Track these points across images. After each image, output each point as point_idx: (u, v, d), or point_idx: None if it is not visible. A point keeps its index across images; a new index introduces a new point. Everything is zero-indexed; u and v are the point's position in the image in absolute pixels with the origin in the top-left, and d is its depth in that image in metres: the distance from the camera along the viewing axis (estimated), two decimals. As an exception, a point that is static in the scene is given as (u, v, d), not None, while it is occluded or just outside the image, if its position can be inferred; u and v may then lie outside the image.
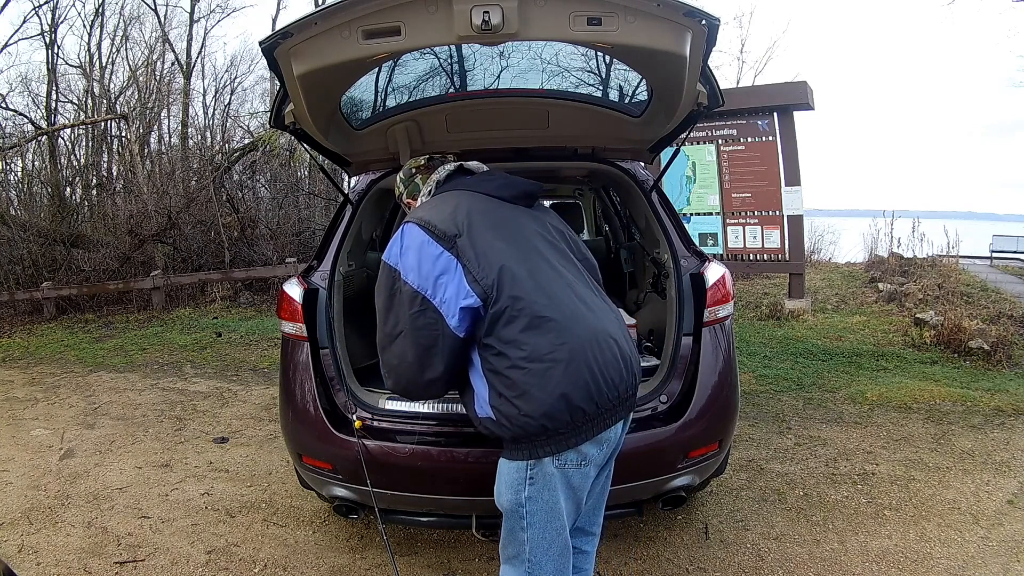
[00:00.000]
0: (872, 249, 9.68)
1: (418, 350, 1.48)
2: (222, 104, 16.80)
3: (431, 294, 1.47)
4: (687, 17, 1.54)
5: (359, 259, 2.83)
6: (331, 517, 2.73)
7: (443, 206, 1.59)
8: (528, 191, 1.70)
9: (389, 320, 1.54)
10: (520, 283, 1.45)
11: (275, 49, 1.64)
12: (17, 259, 9.53)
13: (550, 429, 1.40)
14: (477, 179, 1.72)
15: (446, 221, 1.53)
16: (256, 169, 11.84)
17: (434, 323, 1.46)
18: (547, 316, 1.42)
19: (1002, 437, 3.39)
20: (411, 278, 1.49)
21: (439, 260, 1.48)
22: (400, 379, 1.56)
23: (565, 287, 1.51)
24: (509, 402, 1.41)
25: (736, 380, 2.26)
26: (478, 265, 1.46)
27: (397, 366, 1.54)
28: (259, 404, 4.44)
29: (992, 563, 2.29)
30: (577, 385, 1.39)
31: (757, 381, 4.47)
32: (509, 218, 1.60)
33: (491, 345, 1.44)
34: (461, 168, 1.77)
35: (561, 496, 1.46)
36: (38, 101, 13.81)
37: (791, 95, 6.39)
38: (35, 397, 4.88)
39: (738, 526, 2.59)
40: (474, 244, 1.48)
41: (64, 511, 2.92)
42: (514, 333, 1.41)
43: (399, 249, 1.54)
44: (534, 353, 1.39)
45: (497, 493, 1.52)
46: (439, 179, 1.74)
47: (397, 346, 1.52)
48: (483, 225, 1.54)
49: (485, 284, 1.44)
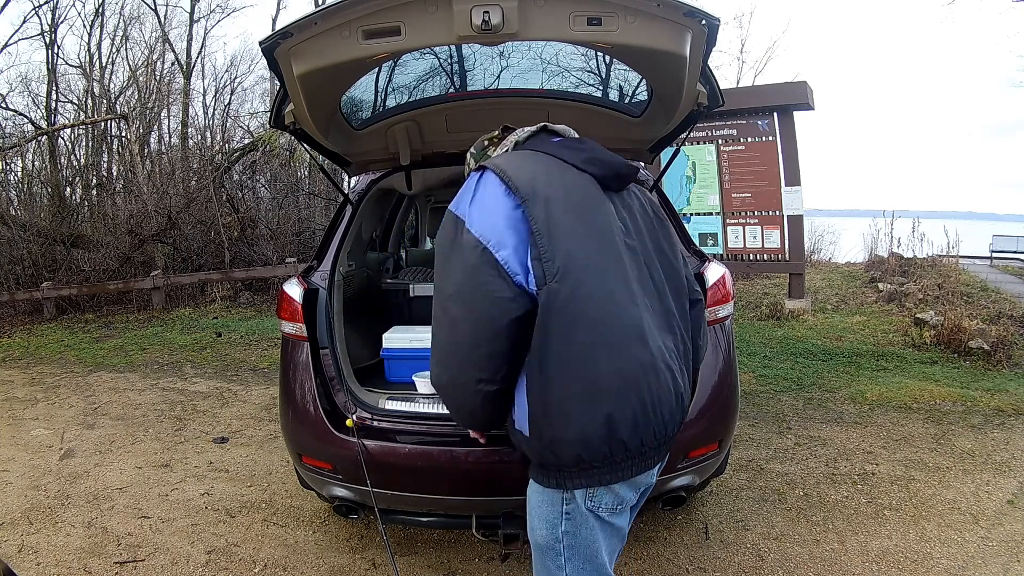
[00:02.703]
0: (872, 249, 9.67)
1: (473, 322, 1.24)
2: (222, 104, 16.80)
3: (495, 248, 1.25)
4: (687, 17, 1.54)
5: (359, 259, 2.83)
6: (331, 517, 2.73)
7: (524, 163, 1.38)
8: (621, 172, 1.42)
9: (446, 280, 1.31)
10: (588, 287, 1.24)
11: (275, 49, 1.65)
12: (17, 259, 9.53)
13: (584, 460, 1.23)
14: (563, 145, 1.46)
15: (526, 180, 1.31)
16: (256, 169, 11.84)
17: (493, 280, 1.23)
18: (605, 329, 1.22)
19: (1002, 437, 3.39)
20: (476, 228, 1.27)
21: (511, 216, 1.28)
22: (446, 361, 1.32)
23: (635, 301, 1.28)
24: (546, 419, 1.24)
25: (736, 380, 2.26)
26: (549, 244, 1.24)
27: (445, 342, 1.31)
28: (259, 404, 4.44)
29: (992, 563, 2.29)
30: (624, 415, 1.21)
31: (757, 381, 4.46)
32: (594, 202, 1.36)
33: (542, 349, 1.24)
34: (545, 128, 1.53)
35: (600, 536, 1.32)
36: (38, 101, 13.82)
37: (791, 95, 6.39)
38: (35, 397, 4.88)
39: (738, 526, 2.59)
40: (549, 217, 1.26)
41: (64, 511, 2.92)
42: (565, 347, 1.22)
43: (470, 197, 1.33)
44: (583, 371, 1.21)
45: (531, 528, 1.38)
46: (518, 139, 1.50)
47: (449, 315, 1.29)
48: (564, 200, 1.31)
49: (549, 269, 1.22)
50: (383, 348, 2.49)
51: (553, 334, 1.22)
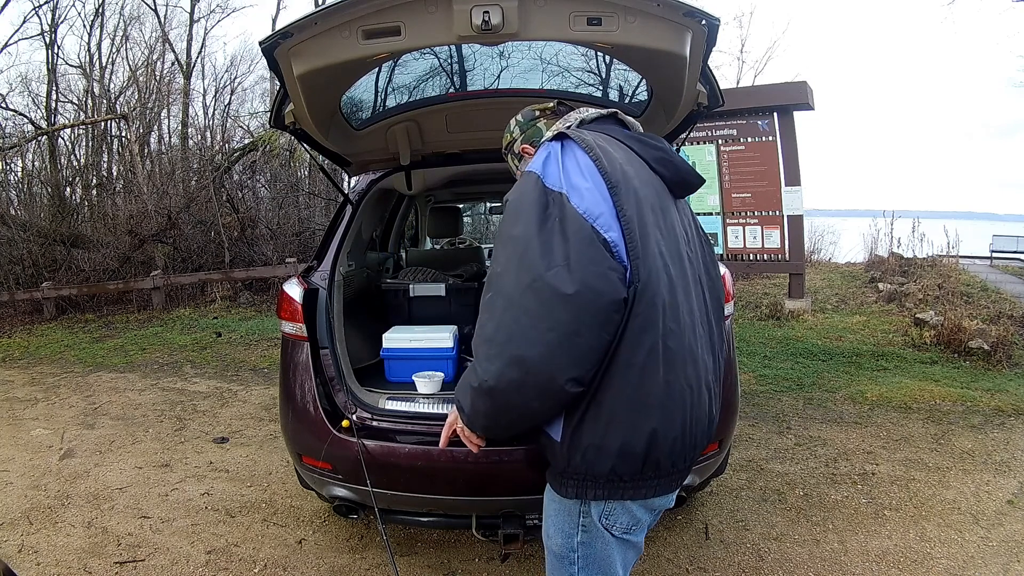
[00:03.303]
0: (872, 249, 9.67)
1: (578, 306, 1.07)
2: (222, 104, 16.81)
3: (603, 228, 1.10)
4: (687, 17, 1.54)
5: (359, 259, 2.83)
6: (331, 517, 2.73)
7: (607, 145, 1.24)
8: (688, 179, 1.33)
9: (535, 259, 1.09)
10: (662, 296, 1.14)
11: (275, 49, 1.64)
12: (17, 259, 9.53)
13: (616, 473, 1.17)
14: (634, 137, 1.33)
15: (615, 165, 1.18)
16: (256, 169, 11.83)
17: (604, 260, 1.08)
18: (670, 348, 1.15)
19: (1002, 437, 3.39)
20: (576, 200, 1.11)
21: (605, 197, 1.14)
22: (520, 355, 1.10)
23: (692, 316, 1.22)
24: (582, 423, 1.17)
25: (736, 380, 2.26)
26: (638, 246, 1.12)
27: (526, 331, 1.09)
28: (259, 404, 4.44)
29: (992, 563, 2.29)
30: (667, 434, 1.16)
31: (757, 381, 4.47)
32: (667, 204, 1.26)
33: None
34: (615, 116, 1.39)
35: (615, 549, 1.29)
36: (38, 101, 13.83)
37: (791, 95, 6.39)
38: (35, 397, 4.88)
39: (738, 526, 2.59)
40: (639, 213, 1.15)
41: (64, 511, 2.92)
42: (631, 353, 1.12)
43: (558, 167, 1.16)
44: (640, 380, 1.13)
45: (546, 535, 1.35)
46: (584, 118, 1.36)
47: (540, 297, 1.08)
48: (648, 199, 1.20)
49: (636, 268, 1.11)
50: (383, 348, 2.49)
51: (624, 337, 1.12)
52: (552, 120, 1.46)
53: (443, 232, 4.49)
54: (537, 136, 1.47)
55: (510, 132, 1.54)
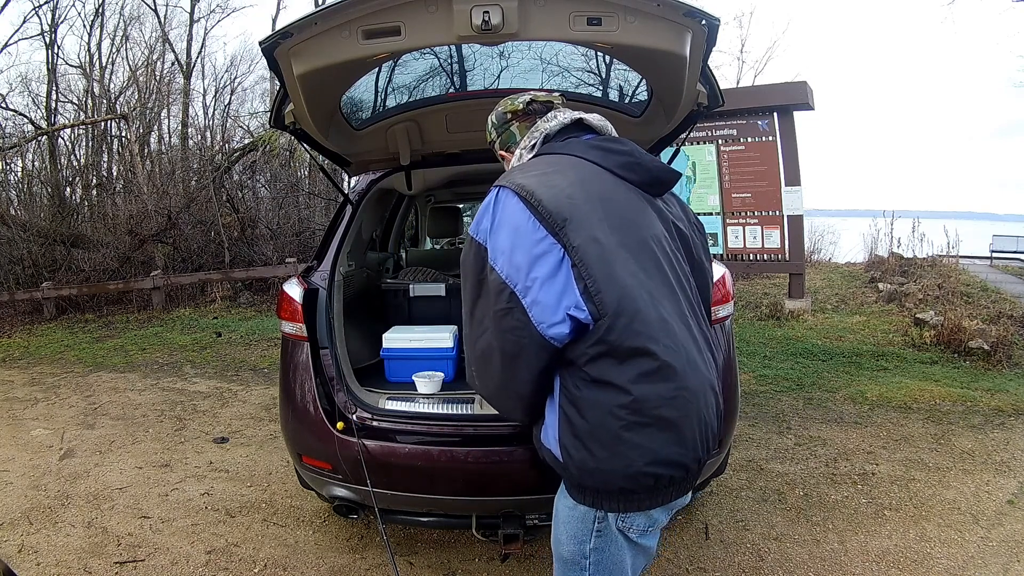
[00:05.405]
0: (872, 249, 9.67)
1: (503, 357, 1.22)
2: (222, 104, 16.81)
3: (520, 290, 1.17)
4: (687, 17, 1.54)
5: (359, 259, 2.83)
6: (331, 517, 2.73)
7: (553, 176, 1.25)
8: (661, 178, 1.33)
9: (476, 311, 1.28)
10: (643, 314, 1.15)
11: (275, 49, 1.65)
12: (17, 259, 9.53)
13: (628, 490, 1.18)
14: (598, 146, 1.33)
15: (557, 198, 1.19)
16: (256, 169, 11.84)
17: (521, 327, 1.17)
18: (667, 362, 1.14)
19: (1002, 437, 3.39)
20: (500, 264, 1.20)
21: (538, 247, 1.17)
22: (486, 386, 1.32)
23: (683, 321, 1.22)
24: (585, 447, 1.17)
25: (736, 380, 2.26)
26: (596, 276, 1.15)
27: (482, 370, 1.30)
28: (259, 404, 4.44)
29: (992, 563, 2.29)
30: (679, 450, 1.16)
31: (757, 381, 4.46)
32: (634, 213, 1.27)
33: (586, 374, 1.17)
34: (581, 123, 1.40)
35: (627, 555, 1.28)
36: (38, 101, 13.83)
37: (791, 95, 6.39)
38: (35, 397, 4.88)
39: (738, 526, 2.59)
40: (592, 242, 1.17)
41: (64, 511, 2.92)
42: (621, 375, 1.14)
43: (490, 223, 1.24)
44: (638, 404, 1.14)
45: (556, 541, 1.34)
46: (548, 131, 1.38)
47: (483, 343, 1.26)
48: (606, 220, 1.20)
49: (602, 305, 1.14)
50: (383, 348, 2.49)
51: (608, 369, 1.15)
52: (524, 121, 1.45)
53: (443, 232, 4.49)
54: (511, 141, 1.48)
55: (488, 132, 1.55)
